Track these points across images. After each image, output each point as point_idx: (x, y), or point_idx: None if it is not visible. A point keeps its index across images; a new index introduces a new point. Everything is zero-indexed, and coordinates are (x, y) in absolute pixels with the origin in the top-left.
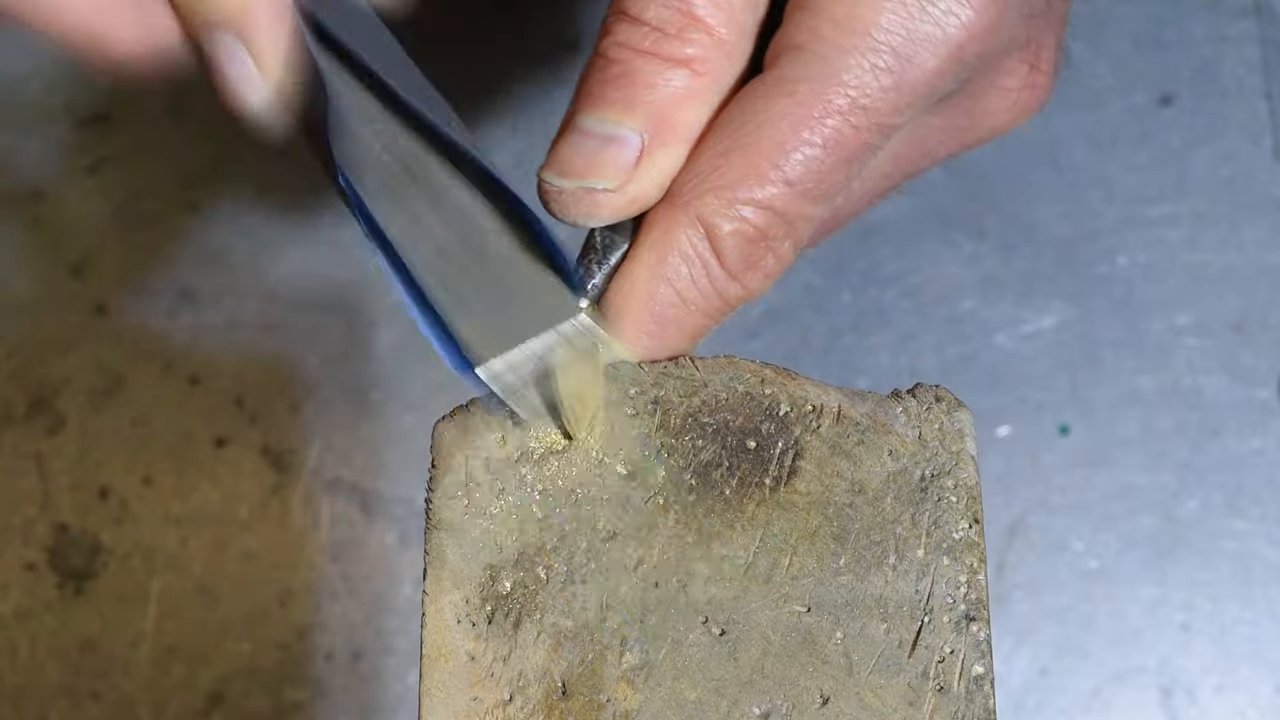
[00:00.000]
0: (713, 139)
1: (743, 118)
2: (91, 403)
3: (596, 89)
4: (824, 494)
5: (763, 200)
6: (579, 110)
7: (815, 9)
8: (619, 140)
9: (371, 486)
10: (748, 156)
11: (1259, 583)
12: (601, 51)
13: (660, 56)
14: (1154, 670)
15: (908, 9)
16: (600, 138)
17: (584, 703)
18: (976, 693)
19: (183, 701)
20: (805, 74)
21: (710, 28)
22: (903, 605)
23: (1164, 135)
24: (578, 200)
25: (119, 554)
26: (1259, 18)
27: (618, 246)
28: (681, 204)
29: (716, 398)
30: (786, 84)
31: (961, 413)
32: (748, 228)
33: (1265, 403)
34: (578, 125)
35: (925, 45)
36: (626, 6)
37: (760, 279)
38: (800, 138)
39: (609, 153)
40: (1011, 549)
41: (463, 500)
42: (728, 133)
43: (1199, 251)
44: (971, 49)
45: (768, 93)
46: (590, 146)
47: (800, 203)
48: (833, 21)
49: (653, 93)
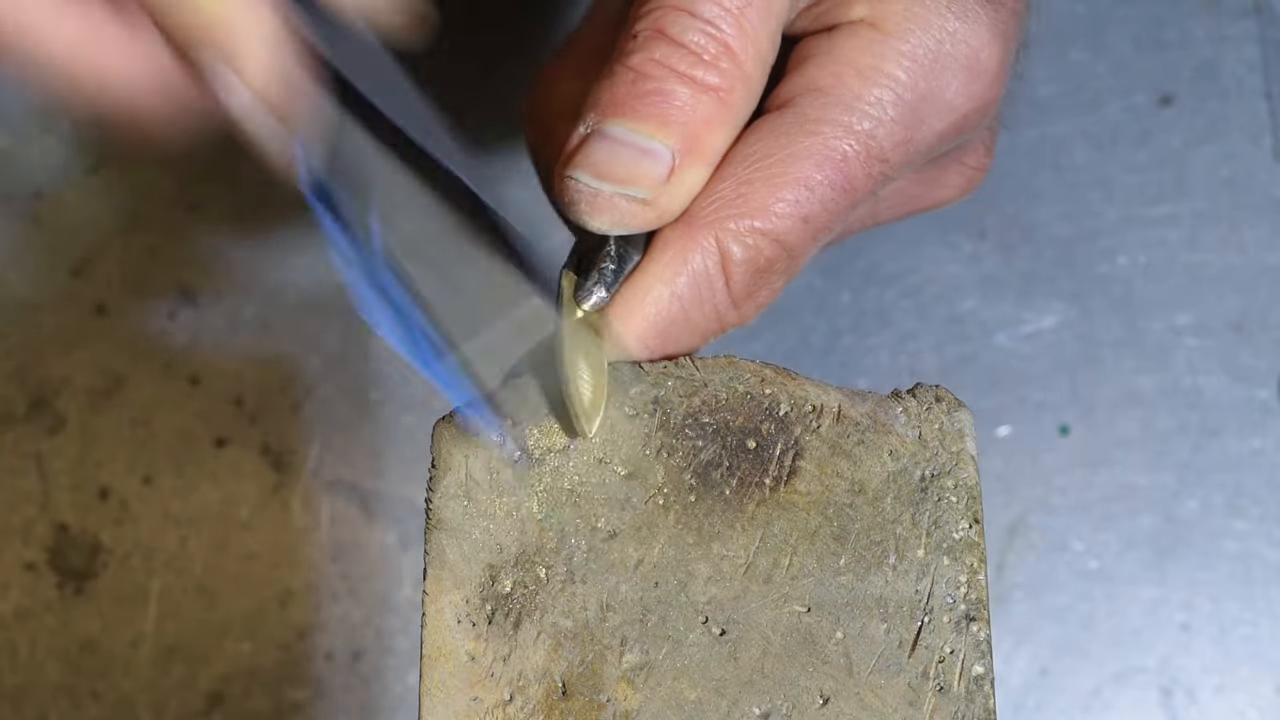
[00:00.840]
0: (735, 166)
1: (766, 150)
2: (92, 403)
3: (629, 101)
4: (824, 494)
5: (777, 233)
6: (608, 117)
7: (839, 56)
8: (653, 154)
9: (371, 487)
10: (770, 188)
11: (1259, 583)
12: (635, 66)
13: (695, 80)
14: (1154, 670)
15: (926, 71)
16: (636, 148)
17: (584, 703)
18: (976, 693)
19: (183, 702)
20: (828, 116)
21: (740, 61)
22: (903, 605)
23: (1164, 135)
24: (613, 206)
25: (119, 554)
26: (1259, 18)
27: (630, 259)
28: (701, 225)
29: (716, 398)
30: (809, 123)
31: (961, 413)
32: (759, 257)
33: (1265, 403)
34: (608, 132)
35: (937, 108)
36: (664, 26)
37: (753, 309)
38: (820, 177)
39: (645, 164)
40: (1012, 549)
41: (463, 500)
42: (751, 162)
43: (1199, 251)
44: (972, 121)
45: (790, 129)
46: (627, 155)
47: (807, 240)
48: (857, 71)
49: (685, 114)
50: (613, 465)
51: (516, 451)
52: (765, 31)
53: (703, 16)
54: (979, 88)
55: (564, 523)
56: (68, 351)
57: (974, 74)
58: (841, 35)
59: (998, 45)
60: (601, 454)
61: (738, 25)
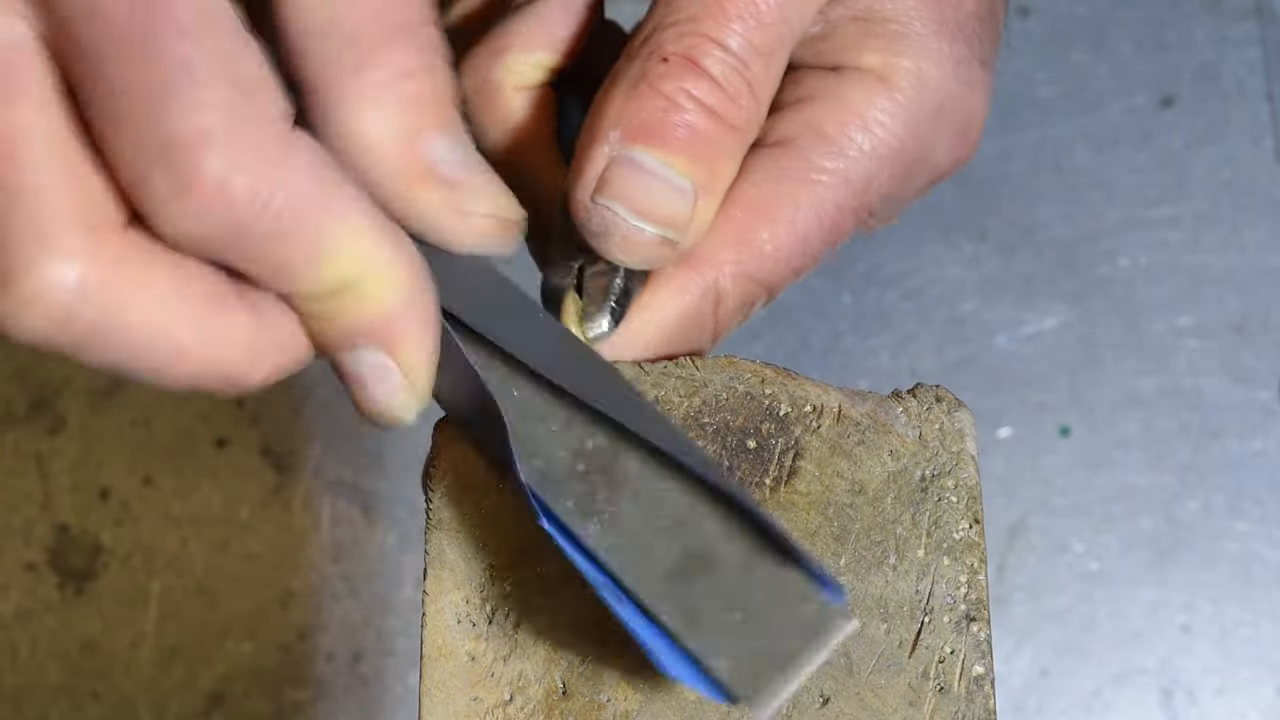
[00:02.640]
0: (738, 208)
1: (771, 195)
2: (92, 403)
3: (660, 130)
4: (824, 494)
5: (770, 281)
6: (639, 143)
7: (846, 105)
8: (684, 192)
9: (372, 487)
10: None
11: (1259, 584)
12: (668, 93)
13: (721, 118)
14: (1154, 671)
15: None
16: (671, 185)
17: (584, 703)
18: (977, 693)
19: (183, 702)
20: (829, 167)
21: (760, 101)
22: (903, 605)
23: (1165, 137)
24: (649, 246)
25: (120, 554)
26: (1260, 19)
27: (633, 292)
28: (703, 265)
29: (717, 398)
30: (812, 170)
31: (962, 413)
32: (749, 300)
33: (1266, 404)
34: (640, 162)
35: (925, 167)
36: (698, 56)
37: (721, 339)
38: (816, 231)
39: (679, 203)
40: (1012, 550)
41: (463, 500)
42: (754, 206)
43: (1200, 253)
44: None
45: (794, 175)
46: (663, 192)
47: (790, 281)
48: (863, 124)
49: (710, 150)
50: None
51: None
52: (780, 72)
53: (735, 53)
54: (964, 151)
55: None
56: None
57: (963, 139)
58: (849, 82)
59: (985, 110)
60: None
61: (765, 67)
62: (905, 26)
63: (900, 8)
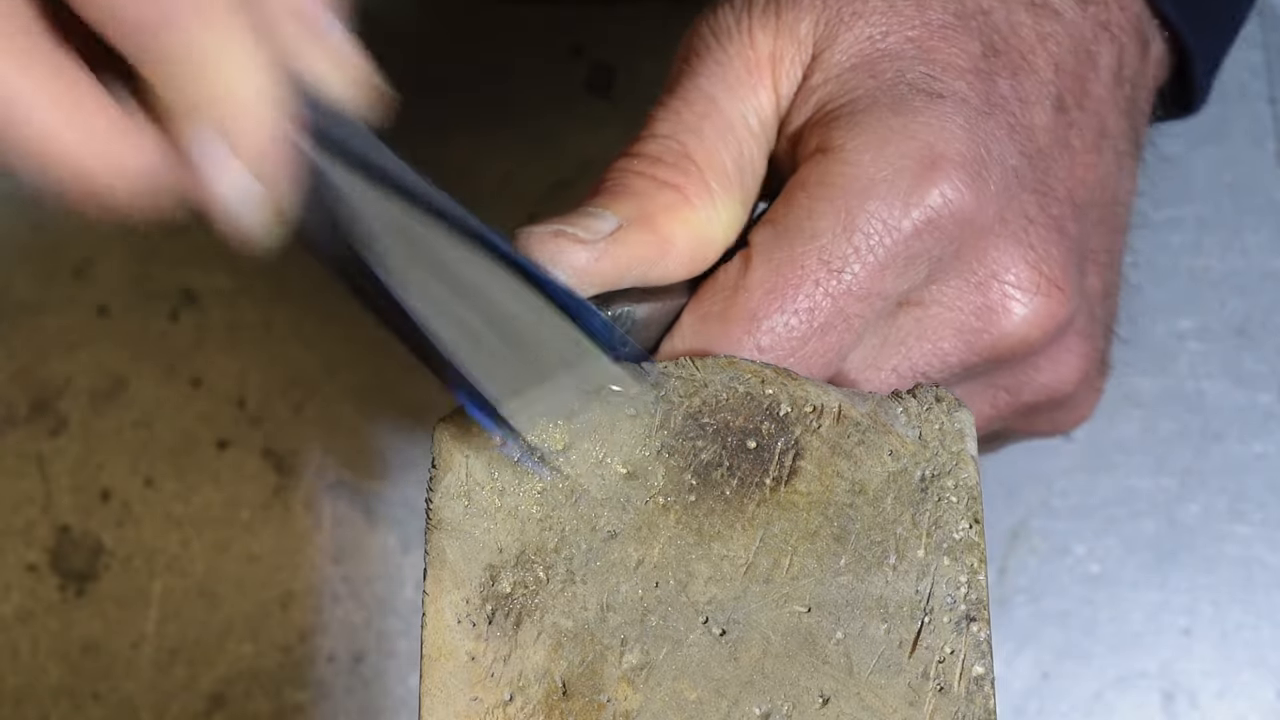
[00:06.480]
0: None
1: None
2: (93, 404)
3: (588, 198)
4: (824, 494)
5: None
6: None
7: (851, 188)
8: (599, 215)
9: (373, 489)
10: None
11: (1261, 587)
12: (603, 177)
13: (655, 178)
14: (1155, 674)
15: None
16: (585, 211)
17: (584, 703)
18: (977, 693)
19: (184, 703)
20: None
21: (702, 168)
22: (903, 605)
23: (1166, 140)
24: (548, 240)
25: (120, 556)
26: (1262, 21)
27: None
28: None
29: (717, 398)
30: (814, 250)
31: (962, 413)
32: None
33: (1268, 407)
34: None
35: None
36: (631, 144)
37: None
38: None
39: (589, 219)
40: (1013, 553)
41: (463, 500)
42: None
43: (1202, 256)
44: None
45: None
46: (574, 212)
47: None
48: (867, 215)
49: (639, 198)
50: (613, 465)
51: (518, 453)
52: (724, 146)
53: (661, 134)
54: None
55: (564, 523)
56: (70, 353)
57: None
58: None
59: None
60: (601, 454)
61: (696, 136)
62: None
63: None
